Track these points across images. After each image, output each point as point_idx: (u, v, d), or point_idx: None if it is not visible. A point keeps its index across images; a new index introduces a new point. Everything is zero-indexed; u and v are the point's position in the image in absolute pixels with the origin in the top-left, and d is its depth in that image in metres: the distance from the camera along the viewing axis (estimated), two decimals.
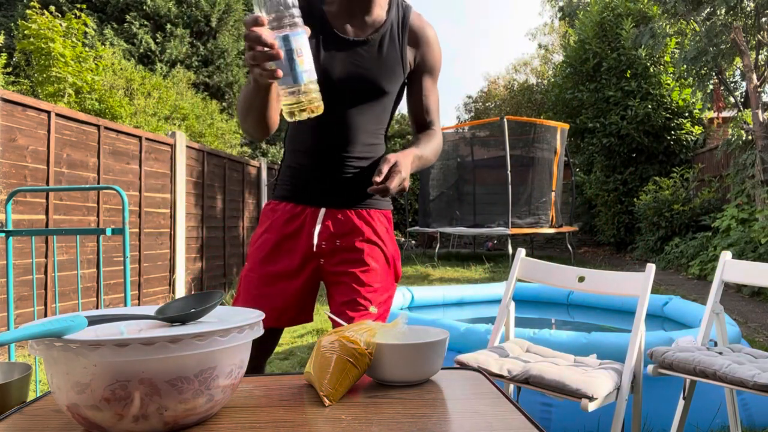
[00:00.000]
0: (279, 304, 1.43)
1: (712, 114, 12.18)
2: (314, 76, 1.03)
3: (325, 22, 1.43)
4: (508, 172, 10.04)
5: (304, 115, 1.04)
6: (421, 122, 1.55)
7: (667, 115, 11.77)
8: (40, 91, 7.53)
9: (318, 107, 1.05)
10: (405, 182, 1.27)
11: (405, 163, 1.28)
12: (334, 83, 1.42)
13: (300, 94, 1.01)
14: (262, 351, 1.46)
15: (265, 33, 0.98)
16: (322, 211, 1.46)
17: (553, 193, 10.87)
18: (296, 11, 0.98)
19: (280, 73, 0.99)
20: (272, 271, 1.46)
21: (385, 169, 1.23)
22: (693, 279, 8.05)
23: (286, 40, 0.97)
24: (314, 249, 1.45)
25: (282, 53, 0.98)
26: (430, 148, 1.47)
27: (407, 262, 10.62)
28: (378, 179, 1.22)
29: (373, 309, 1.42)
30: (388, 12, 1.46)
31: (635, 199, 11.56)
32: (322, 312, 3.47)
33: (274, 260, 1.47)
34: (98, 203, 5.10)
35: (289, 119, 1.07)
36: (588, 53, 12.61)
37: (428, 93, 1.53)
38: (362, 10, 1.44)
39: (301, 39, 0.99)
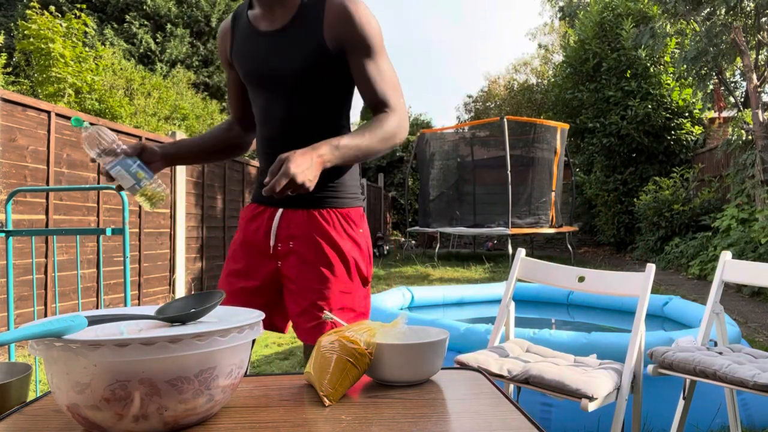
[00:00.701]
0: (239, 303, 1.42)
1: (712, 114, 12.18)
2: (150, 179, 1.35)
3: (248, 24, 1.46)
4: (508, 172, 10.04)
5: (159, 204, 1.39)
6: (372, 106, 1.41)
7: (667, 115, 11.77)
8: (40, 91, 7.53)
9: (162, 195, 1.38)
10: (301, 180, 1.14)
11: (300, 160, 1.16)
12: (263, 80, 1.43)
13: (145, 194, 1.35)
14: None
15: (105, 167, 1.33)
16: (279, 211, 1.45)
17: (553, 193, 10.88)
18: (116, 145, 1.32)
19: (125, 184, 1.34)
20: (234, 269, 1.48)
21: (275, 168, 1.16)
22: (693, 279, 8.05)
23: (122, 163, 1.32)
24: (271, 251, 1.45)
25: (122, 172, 1.32)
26: (370, 134, 1.31)
27: (407, 262, 10.62)
28: (267, 179, 1.15)
29: (327, 316, 1.32)
30: None
31: (635, 199, 11.57)
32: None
33: (237, 259, 1.49)
34: (98, 203, 5.10)
35: (148, 209, 1.41)
36: (588, 53, 12.62)
37: (367, 73, 1.38)
38: (278, 0, 1.39)
39: (130, 161, 1.33)
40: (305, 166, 1.16)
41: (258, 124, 1.50)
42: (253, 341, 1.60)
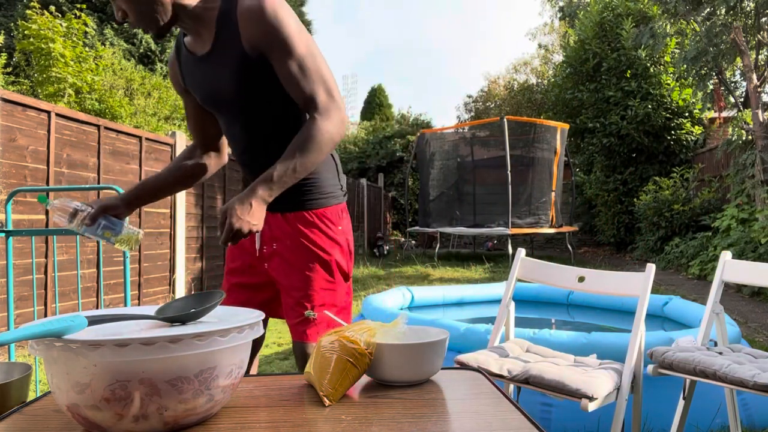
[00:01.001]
0: (241, 297, 1.54)
1: (712, 114, 12.18)
2: (117, 233, 1.47)
3: (187, 51, 1.47)
4: (508, 172, 10.04)
5: (137, 245, 1.54)
6: (301, 106, 1.39)
7: (667, 115, 11.77)
8: (40, 91, 7.53)
9: (137, 238, 1.51)
10: (246, 228, 1.25)
11: (239, 211, 1.25)
12: (214, 103, 1.49)
13: (120, 243, 1.48)
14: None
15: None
16: None
17: (553, 193, 10.88)
18: (80, 211, 1.43)
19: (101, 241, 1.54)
20: (232, 267, 1.59)
21: (221, 220, 1.27)
22: (693, 279, 8.05)
23: (89, 230, 1.46)
24: (257, 253, 1.53)
25: (92, 236, 1.46)
26: (300, 152, 1.31)
27: (407, 262, 10.62)
28: (218, 233, 1.28)
29: (309, 313, 1.42)
30: (218, 10, 1.37)
31: (635, 199, 11.57)
32: None
33: (234, 258, 1.59)
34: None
35: (129, 251, 1.62)
36: (588, 53, 12.61)
37: (288, 73, 1.34)
38: (198, 23, 1.39)
39: (95, 226, 1.46)
40: (245, 214, 1.25)
41: (227, 139, 1.57)
42: (260, 343, 1.64)
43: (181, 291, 6.45)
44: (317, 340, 1.46)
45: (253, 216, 1.26)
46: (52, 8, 8.05)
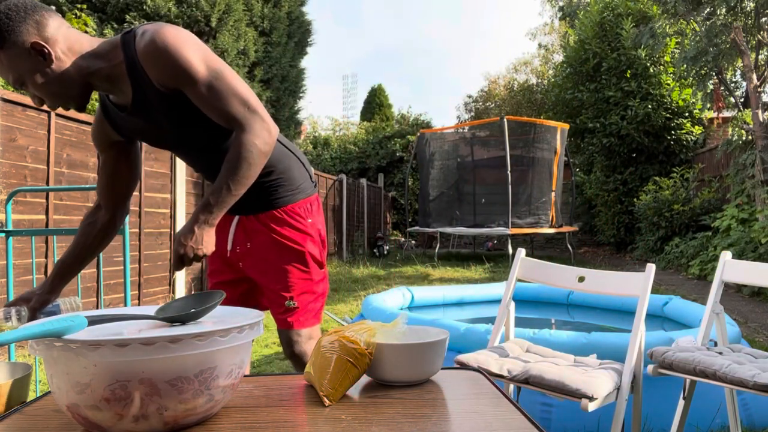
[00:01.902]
0: (228, 295, 1.66)
1: (712, 114, 12.18)
2: (62, 313, 1.51)
3: (114, 107, 1.49)
4: (508, 172, 10.04)
5: (79, 309, 1.59)
6: (228, 126, 1.41)
7: (667, 115, 11.77)
8: None
9: (78, 306, 1.56)
10: (193, 253, 1.33)
11: (186, 238, 1.33)
12: (159, 146, 1.58)
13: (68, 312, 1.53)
14: None
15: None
16: (236, 218, 1.65)
17: (553, 193, 10.88)
18: (17, 314, 1.45)
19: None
20: (212, 269, 1.74)
21: (174, 247, 1.37)
22: (693, 279, 8.05)
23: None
24: (228, 254, 1.66)
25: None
26: (229, 172, 1.35)
27: (407, 262, 10.62)
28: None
29: (290, 303, 1.58)
30: (125, 62, 1.37)
31: (635, 199, 11.57)
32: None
33: (212, 260, 1.74)
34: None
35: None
36: (588, 53, 12.61)
37: (201, 100, 1.37)
38: (112, 82, 1.41)
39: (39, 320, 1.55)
40: (188, 240, 1.33)
41: (190, 166, 1.74)
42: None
43: (181, 291, 6.45)
44: (300, 326, 1.61)
45: (197, 241, 1.34)
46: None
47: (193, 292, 5.07)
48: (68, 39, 1.35)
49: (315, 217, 1.67)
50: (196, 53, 1.35)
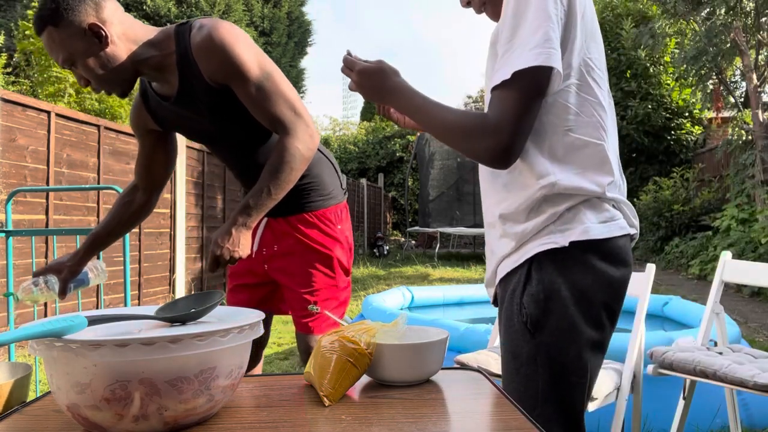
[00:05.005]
0: (242, 296, 1.66)
1: (712, 114, 12.18)
2: (90, 282, 1.66)
3: (156, 96, 1.50)
4: None
5: (106, 275, 1.74)
6: (272, 129, 1.43)
7: (667, 115, 11.77)
8: (40, 91, 7.53)
9: (102, 277, 1.70)
10: (233, 256, 1.32)
11: (218, 239, 1.33)
12: (198, 140, 1.58)
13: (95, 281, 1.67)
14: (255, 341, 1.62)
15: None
16: (264, 220, 1.61)
17: None
18: (47, 282, 1.53)
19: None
20: (234, 270, 1.70)
21: (209, 250, 1.36)
22: (693, 279, 8.05)
23: (67, 293, 1.57)
24: (253, 254, 1.62)
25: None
26: (273, 175, 1.35)
27: (407, 262, 10.62)
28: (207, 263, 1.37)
29: (313, 307, 1.53)
30: (176, 53, 1.38)
31: (635, 199, 11.57)
32: None
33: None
34: (98, 203, 5.09)
35: (104, 281, 1.74)
36: None
37: (250, 98, 1.38)
38: (161, 71, 1.41)
39: (67, 291, 1.57)
40: (225, 242, 1.32)
41: (222, 161, 1.68)
42: (265, 342, 1.72)
43: (181, 291, 6.45)
44: (321, 332, 1.58)
45: (233, 243, 1.33)
46: None
47: (193, 292, 5.07)
48: (123, 24, 1.35)
49: (344, 223, 1.65)
50: (250, 52, 1.37)
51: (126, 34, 1.35)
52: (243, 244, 1.34)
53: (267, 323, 1.67)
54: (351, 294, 1.73)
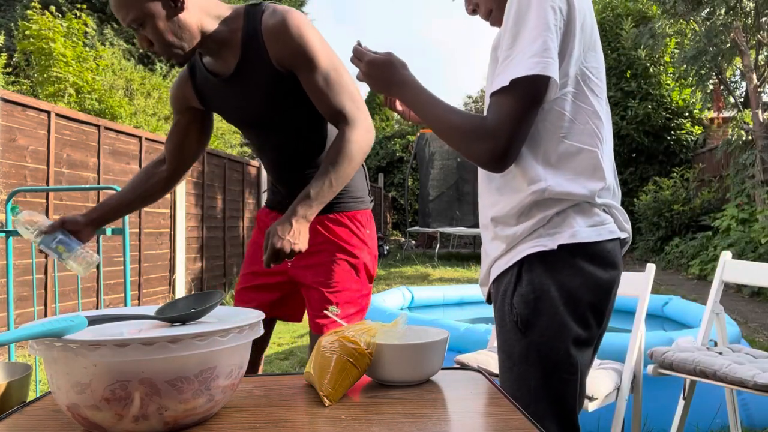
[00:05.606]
0: (257, 297, 1.57)
1: (712, 114, 12.19)
2: (71, 250, 1.49)
3: (205, 72, 1.48)
4: None
5: (91, 269, 1.55)
6: (329, 119, 1.43)
7: (667, 115, 11.77)
8: (40, 91, 7.53)
9: (91, 261, 1.53)
10: (290, 249, 1.28)
11: (278, 230, 1.29)
12: (241, 122, 1.53)
13: (71, 262, 1.49)
14: (255, 347, 1.51)
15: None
16: None
17: None
18: (40, 225, 1.46)
19: (52, 256, 1.51)
20: (253, 270, 1.61)
21: (265, 243, 1.31)
22: (693, 279, 8.05)
23: (44, 241, 1.47)
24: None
25: (46, 248, 1.48)
26: (334, 167, 1.35)
27: (407, 262, 10.62)
28: (263, 255, 1.31)
29: (334, 309, 1.47)
30: (243, 31, 1.38)
31: (635, 199, 11.57)
32: None
33: (255, 260, 1.61)
34: (98, 203, 5.09)
35: (82, 274, 1.56)
36: None
37: (315, 86, 1.37)
38: (223, 46, 1.40)
39: (49, 239, 1.48)
40: (286, 234, 1.29)
41: (257, 154, 1.60)
42: (266, 343, 1.65)
43: (181, 291, 6.45)
44: None
45: (294, 236, 1.29)
46: (53, 8, 8.05)
47: (193, 292, 5.06)
48: None
49: (372, 230, 1.62)
50: (321, 43, 1.38)
51: (199, 4, 1.35)
52: (303, 237, 1.31)
53: (269, 329, 1.63)
54: None
